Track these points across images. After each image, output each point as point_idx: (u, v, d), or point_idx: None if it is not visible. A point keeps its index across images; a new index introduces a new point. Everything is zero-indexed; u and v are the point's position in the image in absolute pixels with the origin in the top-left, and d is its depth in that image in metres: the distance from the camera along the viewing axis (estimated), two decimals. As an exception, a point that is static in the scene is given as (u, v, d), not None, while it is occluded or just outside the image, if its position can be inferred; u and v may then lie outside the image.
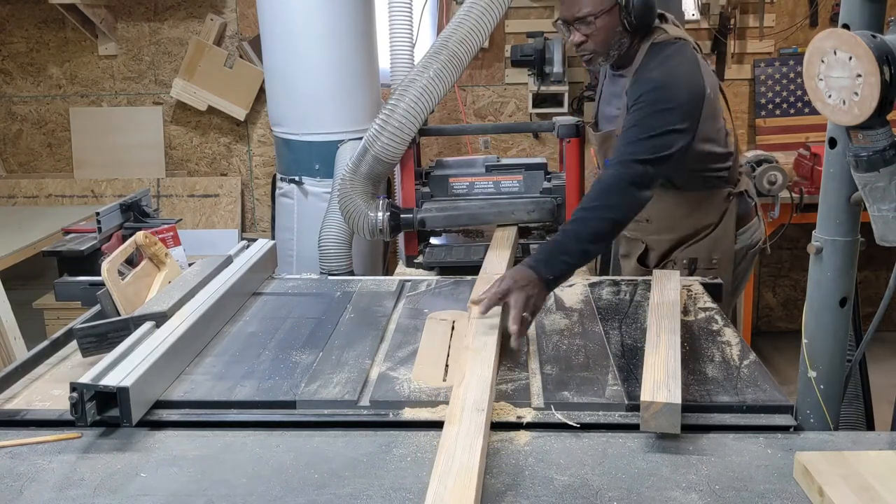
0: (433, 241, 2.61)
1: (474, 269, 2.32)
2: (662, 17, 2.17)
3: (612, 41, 2.09)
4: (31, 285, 3.85)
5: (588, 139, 2.43)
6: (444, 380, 1.55)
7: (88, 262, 2.22)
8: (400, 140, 2.43)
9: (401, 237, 2.62)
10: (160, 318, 1.69)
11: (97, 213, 2.28)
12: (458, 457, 1.18)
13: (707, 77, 2.12)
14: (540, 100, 4.27)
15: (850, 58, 1.13)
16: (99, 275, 1.81)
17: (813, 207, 1.37)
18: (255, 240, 2.32)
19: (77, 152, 4.58)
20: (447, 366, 1.61)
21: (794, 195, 3.55)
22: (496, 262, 2.13)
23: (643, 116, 1.97)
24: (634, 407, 1.43)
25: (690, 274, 2.28)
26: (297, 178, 3.59)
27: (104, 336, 1.68)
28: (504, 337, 1.69)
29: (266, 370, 1.62)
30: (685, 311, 1.90)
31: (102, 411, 1.40)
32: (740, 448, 1.33)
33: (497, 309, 1.72)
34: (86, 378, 1.39)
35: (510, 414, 1.42)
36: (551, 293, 1.90)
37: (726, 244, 2.31)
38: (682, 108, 1.97)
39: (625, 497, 1.20)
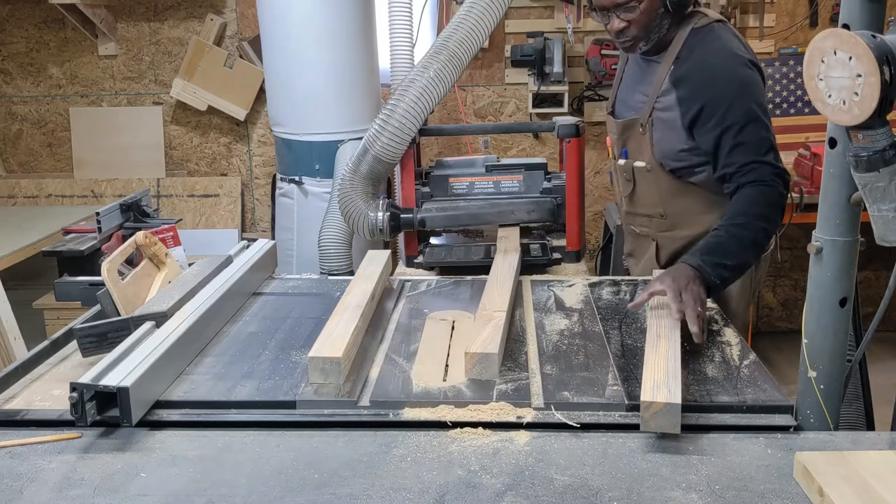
0: (433, 241, 2.61)
1: (474, 269, 2.33)
2: (696, 2, 2.14)
3: (653, 25, 2.06)
4: (31, 285, 3.85)
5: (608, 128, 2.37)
6: (445, 380, 1.55)
7: (88, 262, 2.22)
8: (400, 140, 2.43)
9: (401, 237, 2.62)
10: (160, 318, 1.69)
11: (97, 213, 2.28)
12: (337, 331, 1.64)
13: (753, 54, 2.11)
14: (540, 100, 4.27)
15: (850, 58, 1.13)
16: (99, 275, 1.81)
17: (813, 207, 1.37)
18: (255, 240, 2.32)
19: (77, 152, 4.58)
20: (447, 366, 1.61)
21: (794, 195, 3.55)
22: (505, 266, 2.10)
23: (751, 124, 1.98)
24: (634, 407, 1.43)
25: None
26: (297, 178, 3.59)
27: (104, 336, 1.68)
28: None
29: (266, 370, 1.62)
30: (685, 311, 1.90)
31: (102, 411, 1.39)
32: (740, 448, 1.33)
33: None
34: (86, 378, 1.39)
35: (510, 414, 1.42)
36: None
37: None
38: (763, 95, 2.04)
39: (625, 497, 1.20)
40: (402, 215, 2.47)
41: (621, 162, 2.25)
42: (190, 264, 2.14)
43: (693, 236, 2.18)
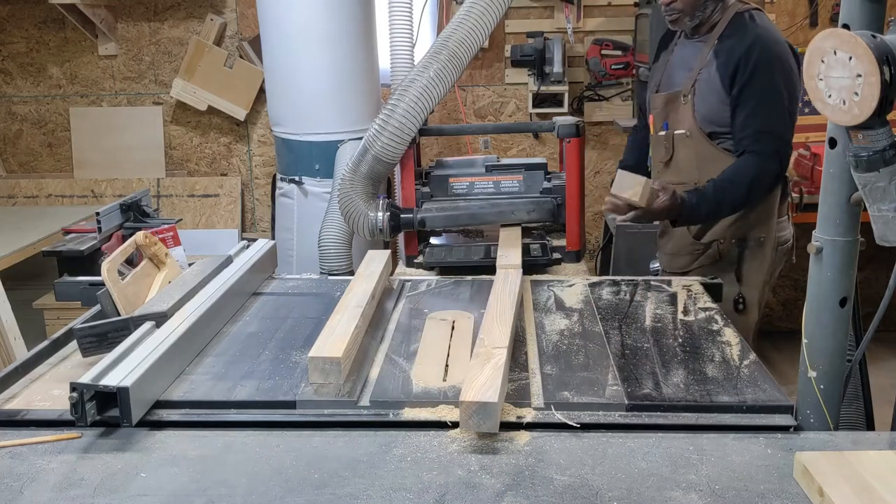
0: (433, 241, 2.61)
1: (474, 269, 2.33)
2: None
3: (698, 3, 2.29)
4: (31, 285, 3.85)
5: (649, 106, 2.51)
6: (444, 380, 1.55)
7: (88, 262, 2.22)
8: (400, 140, 2.43)
9: (401, 237, 2.62)
10: (160, 318, 1.69)
11: (97, 213, 2.28)
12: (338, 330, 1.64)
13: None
14: (540, 100, 4.28)
15: (850, 58, 1.13)
16: (99, 275, 1.81)
17: (813, 207, 1.37)
18: (255, 240, 2.32)
19: (77, 152, 4.58)
20: (447, 366, 1.61)
21: (794, 195, 3.55)
22: (506, 292, 2.01)
23: (771, 98, 2.21)
24: (634, 407, 1.44)
25: (740, 253, 2.37)
26: (297, 178, 3.59)
27: (104, 336, 1.68)
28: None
29: (266, 370, 1.62)
30: (685, 311, 1.90)
31: (102, 411, 1.39)
32: (740, 448, 1.33)
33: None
34: (86, 378, 1.39)
35: (510, 414, 1.42)
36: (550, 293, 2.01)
37: (769, 224, 2.37)
38: (797, 80, 2.23)
39: (625, 497, 1.20)
40: (402, 215, 2.47)
41: (662, 133, 2.40)
42: (190, 264, 2.14)
43: None
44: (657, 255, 2.59)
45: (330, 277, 2.46)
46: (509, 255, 2.21)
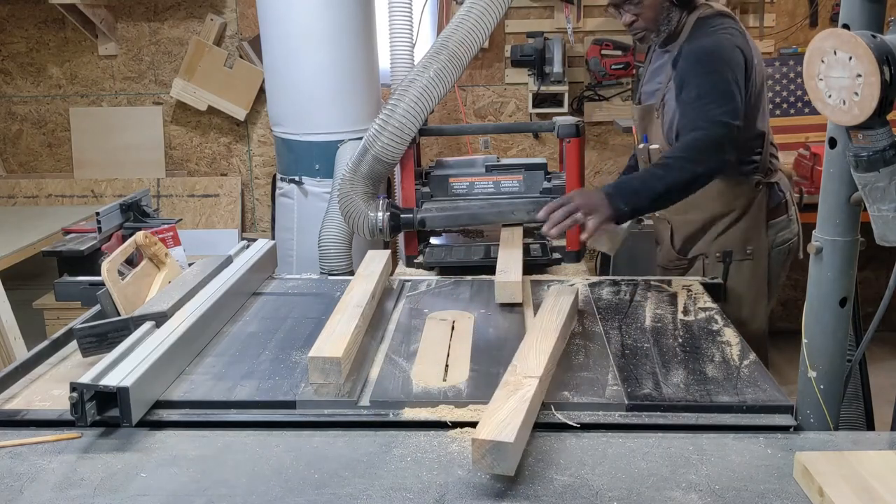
0: (433, 241, 2.61)
1: (474, 269, 2.33)
2: None
3: (660, 17, 2.25)
4: (31, 285, 3.85)
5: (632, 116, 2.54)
6: (444, 380, 1.55)
7: (88, 262, 2.22)
8: (400, 140, 2.43)
9: (401, 237, 2.61)
10: (160, 318, 1.69)
11: (97, 213, 2.27)
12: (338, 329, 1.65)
13: (755, 49, 2.24)
14: (540, 100, 4.27)
15: (850, 58, 1.13)
16: (99, 275, 1.81)
17: (813, 207, 1.37)
18: (255, 240, 2.32)
19: (77, 152, 4.58)
20: (447, 366, 1.61)
21: (794, 195, 3.55)
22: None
23: (706, 83, 2.11)
24: (634, 407, 1.44)
25: (726, 268, 2.33)
26: (297, 178, 3.59)
27: (104, 336, 1.68)
28: None
29: (266, 370, 1.62)
30: (685, 311, 1.90)
31: (102, 411, 1.39)
32: (740, 448, 1.33)
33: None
34: (86, 378, 1.39)
35: (510, 414, 1.42)
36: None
37: (758, 234, 2.34)
38: (735, 70, 2.13)
39: (625, 497, 1.20)
40: (402, 215, 2.47)
41: (641, 146, 2.41)
42: (190, 264, 2.14)
43: (705, 219, 2.34)
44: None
45: (330, 277, 2.46)
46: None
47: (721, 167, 2.10)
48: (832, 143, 1.28)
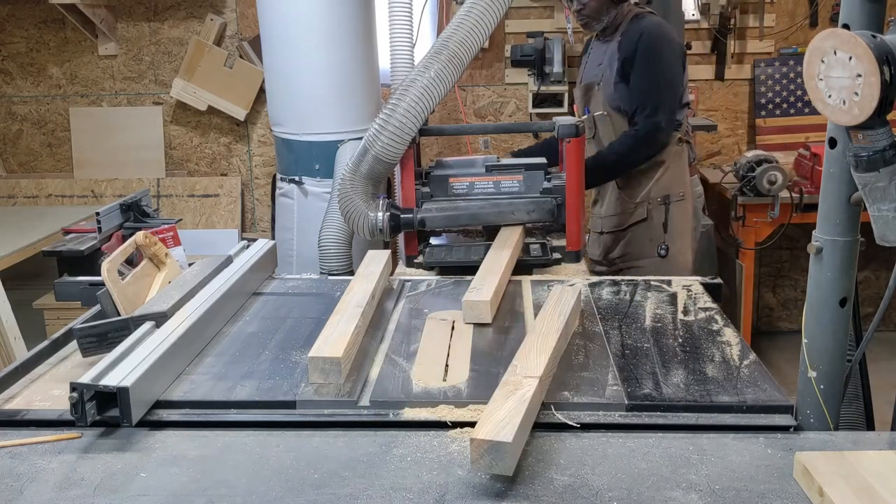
0: (433, 241, 2.61)
1: (474, 269, 2.32)
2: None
3: (602, 9, 2.85)
4: (31, 285, 3.85)
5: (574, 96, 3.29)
6: (445, 380, 1.55)
7: (88, 262, 2.22)
8: (400, 140, 2.43)
9: (401, 237, 2.61)
10: (160, 318, 1.69)
11: (97, 213, 2.27)
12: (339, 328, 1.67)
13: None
14: (540, 100, 4.28)
15: (850, 58, 1.13)
16: (99, 275, 1.81)
17: (813, 207, 1.37)
18: (255, 240, 2.32)
19: (77, 152, 4.58)
20: (447, 366, 1.61)
21: (794, 195, 3.55)
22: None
23: (656, 72, 2.77)
24: (634, 407, 1.44)
25: (666, 209, 2.87)
26: (297, 178, 3.59)
27: (104, 336, 1.68)
28: None
29: (266, 370, 1.62)
30: (685, 311, 1.90)
31: (102, 411, 1.39)
32: (740, 448, 1.33)
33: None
34: (86, 378, 1.39)
35: (510, 414, 1.42)
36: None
37: (685, 180, 2.94)
38: (677, 51, 2.83)
39: (625, 497, 1.20)
40: (402, 215, 2.46)
41: (584, 116, 2.92)
42: (190, 264, 2.14)
43: (644, 170, 2.86)
44: (590, 222, 3.12)
45: (330, 277, 2.46)
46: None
47: (656, 153, 2.82)
48: (832, 143, 1.28)
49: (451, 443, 1.35)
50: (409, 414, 1.44)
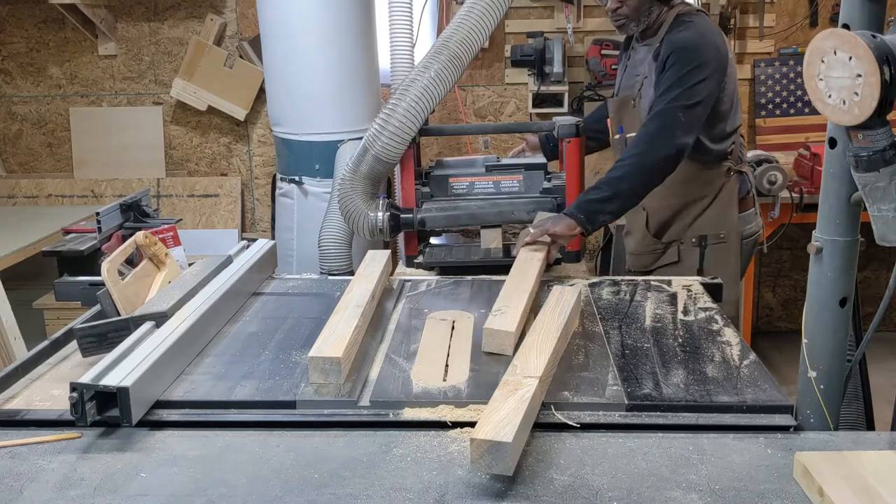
0: (433, 241, 2.61)
1: (474, 269, 2.33)
2: None
3: (643, 8, 2.41)
4: (31, 285, 3.85)
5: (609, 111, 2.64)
6: (445, 380, 1.55)
7: (88, 262, 2.22)
8: (400, 140, 2.43)
9: (401, 237, 2.61)
10: (160, 318, 1.69)
11: (97, 213, 2.27)
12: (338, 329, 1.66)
13: (728, 46, 2.39)
14: (540, 100, 4.27)
15: (850, 58, 1.13)
16: (99, 275, 1.81)
17: (813, 207, 1.37)
18: (255, 240, 2.32)
19: (77, 152, 4.58)
20: (447, 366, 1.61)
21: (794, 195, 3.55)
22: (555, 315, 1.73)
23: (678, 72, 2.26)
24: (634, 407, 1.44)
25: (702, 252, 2.48)
26: (297, 178, 3.59)
27: (104, 336, 1.68)
28: None
29: (266, 370, 1.62)
30: (685, 311, 1.90)
31: (102, 411, 1.39)
32: (740, 448, 1.33)
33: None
34: (86, 378, 1.39)
35: (510, 414, 1.42)
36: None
37: (730, 218, 2.50)
38: (710, 64, 2.28)
39: (625, 497, 1.20)
40: (402, 215, 2.47)
41: (616, 136, 2.52)
42: (190, 264, 2.14)
43: (679, 205, 2.49)
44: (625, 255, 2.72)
45: (330, 277, 2.46)
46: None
47: (674, 151, 2.22)
48: (832, 143, 1.28)
49: (451, 443, 1.35)
50: (409, 414, 1.44)
